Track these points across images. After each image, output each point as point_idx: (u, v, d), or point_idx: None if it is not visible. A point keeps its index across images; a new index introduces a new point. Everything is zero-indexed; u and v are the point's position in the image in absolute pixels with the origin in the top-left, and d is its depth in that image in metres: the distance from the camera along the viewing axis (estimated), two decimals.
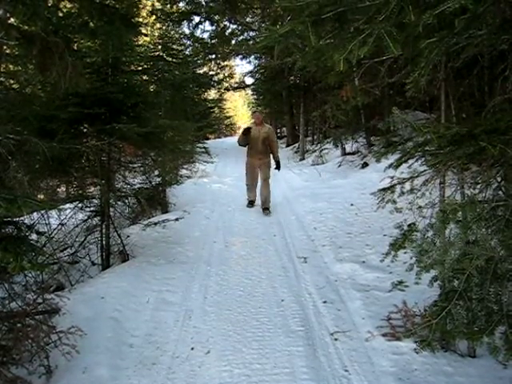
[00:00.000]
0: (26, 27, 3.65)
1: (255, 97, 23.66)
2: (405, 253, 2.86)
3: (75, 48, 4.61)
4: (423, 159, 2.78)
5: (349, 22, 1.85)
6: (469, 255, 2.30)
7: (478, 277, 2.40)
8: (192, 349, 3.37)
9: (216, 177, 11.51)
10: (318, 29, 1.88)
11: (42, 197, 5.95)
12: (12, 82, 6.97)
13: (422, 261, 2.53)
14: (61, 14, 3.71)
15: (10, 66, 6.17)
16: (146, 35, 10.72)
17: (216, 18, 9.76)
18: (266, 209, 7.54)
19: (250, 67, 20.06)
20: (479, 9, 1.48)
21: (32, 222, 3.80)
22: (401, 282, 3.70)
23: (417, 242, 2.64)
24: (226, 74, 19.12)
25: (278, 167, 7.74)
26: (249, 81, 21.39)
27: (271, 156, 7.71)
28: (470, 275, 2.35)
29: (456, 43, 1.88)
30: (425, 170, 2.82)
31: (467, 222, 2.32)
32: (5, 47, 5.74)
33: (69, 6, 4.10)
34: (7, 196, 2.02)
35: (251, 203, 8.00)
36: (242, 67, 46.36)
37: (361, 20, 1.79)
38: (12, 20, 3.76)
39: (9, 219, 2.61)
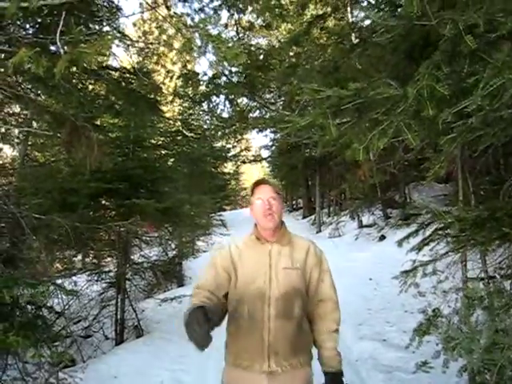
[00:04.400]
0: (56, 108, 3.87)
1: (271, 169, 24.02)
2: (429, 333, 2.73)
3: (98, 124, 4.83)
4: (445, 240, 2.74)
5: (367, 112, 1.92)
6: (499, 345, 2.18)
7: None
8: None
9: None
10: (337, 118, 1.96)
11: (58, 266, 5.98)
12: (38, 155, 7.26)
13: (448, 348, 2.40)
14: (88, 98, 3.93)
15: (38, 141, 6.46)
16: (166, 113, 11.18)
17: (235, 97, 10.24)
18: None
19: (266, 140, 20.55)
20: (495, 105, 1.53)
21: (49, 300, 3.75)
22: (425, 363, 3.50)
23: (442, 328, 2.53)
24: (243, 147, 19.60)
25: None
26: (265, 154, 21.82)
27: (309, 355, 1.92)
28: (503, 367, 2.22)
29: (472, 133, 1.93)
30: (447, 253, 2.77)
31: (494, 309, 2.23)
32: (34, 123, 6.05)
33: (97, 87, 4.37)
34: (31, 281, 2.02)
35: None
36: (258, 140, 47.66)
37: (379, 111, 1.86)
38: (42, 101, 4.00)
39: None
